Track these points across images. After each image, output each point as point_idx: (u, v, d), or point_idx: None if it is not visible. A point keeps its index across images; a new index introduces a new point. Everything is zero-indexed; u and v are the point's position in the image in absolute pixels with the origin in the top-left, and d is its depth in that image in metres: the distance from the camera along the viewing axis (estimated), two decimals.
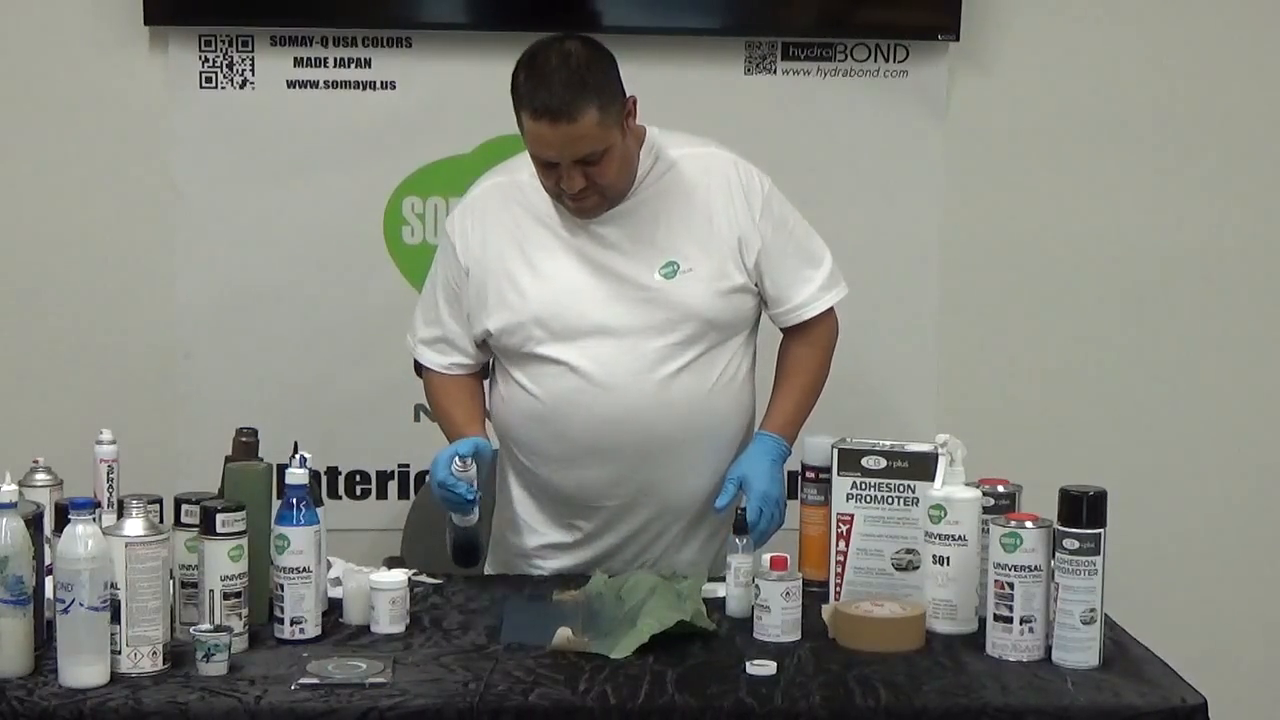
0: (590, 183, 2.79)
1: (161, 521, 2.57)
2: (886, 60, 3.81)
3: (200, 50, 3.74)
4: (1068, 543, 2.43)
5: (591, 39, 2.84)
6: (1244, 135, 3.90)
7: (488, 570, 3.06)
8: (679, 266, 2.87)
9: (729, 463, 2.92)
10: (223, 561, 2.46)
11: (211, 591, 2.45)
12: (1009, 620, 2.47)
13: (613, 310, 2.87)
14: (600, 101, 2.75)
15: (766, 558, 2.58)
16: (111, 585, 2.31)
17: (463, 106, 3.76)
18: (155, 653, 2.35)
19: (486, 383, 3.06)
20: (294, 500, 2.54)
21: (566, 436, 2.88)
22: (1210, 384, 3.95)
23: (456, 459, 2.77)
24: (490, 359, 3.02)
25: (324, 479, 3.70)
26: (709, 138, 3.00)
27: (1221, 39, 3.86)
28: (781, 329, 3.04)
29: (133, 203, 3.80)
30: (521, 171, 2.92)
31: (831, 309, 3.03)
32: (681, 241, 2.89)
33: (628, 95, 2.83)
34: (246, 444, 2.79)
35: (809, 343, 3.02)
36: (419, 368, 3.06)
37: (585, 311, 2.87)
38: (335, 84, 3.78)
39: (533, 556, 3.01)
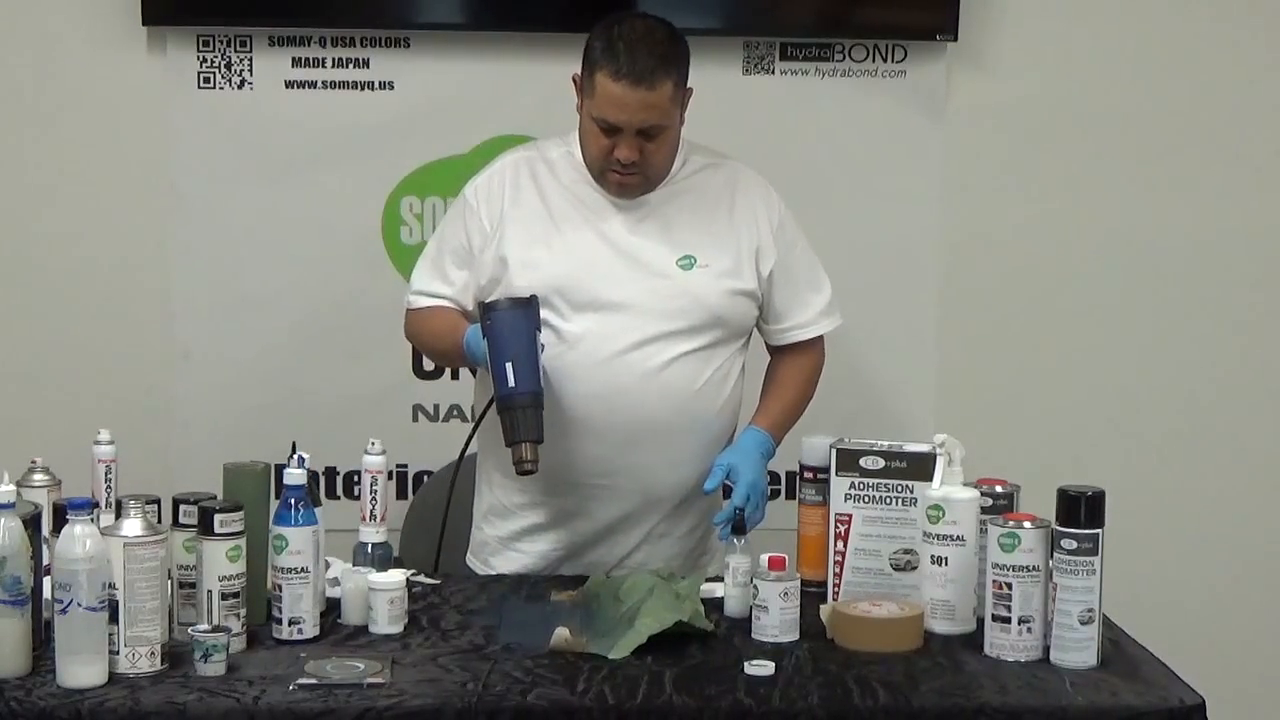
0: (641, 158, 2.85)
1: (159, 522, 2.57)
2: (885, 60, 3.81)
3: (198, 50, 3.74)
4: (1066, 543, 2.43)
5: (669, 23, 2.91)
6: (1242, 134, 3.89)
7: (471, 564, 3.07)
8: (696, 260, 2.93)
9: (711, 460, 2.93)
10: (221, 562, 2.45)
11: (210, 592, 2.45)
12: (1007, 620, 2.47)
13: (626, 289, 2.90)
14: (676, 78, 2.84)
15: (765, 558, 2.58)
16: (110, 585, 2.31)
17: (461, 107, 3.76)
18: (153, 653, 2.35)
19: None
20: (292, 500, 2.54)
21: (559, 407, 2.88)
22: (1209, 383, 3.95)
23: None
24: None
25: (322, 479, 3.70)
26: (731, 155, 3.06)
27: (1219, 38, 3.86)
28: (775, 347, 3.08)
29: (130, 203, 3.79)
30: (551, 150, 2.99)
31: (821, 340, 3.07)
32: (702, 240, 2.94)
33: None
34: None
35: (800, 364, 3.08)
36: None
37: (600, 286, 2.90)
38: (333, 84, 3.77)
39: (511, 541, 3.02)
